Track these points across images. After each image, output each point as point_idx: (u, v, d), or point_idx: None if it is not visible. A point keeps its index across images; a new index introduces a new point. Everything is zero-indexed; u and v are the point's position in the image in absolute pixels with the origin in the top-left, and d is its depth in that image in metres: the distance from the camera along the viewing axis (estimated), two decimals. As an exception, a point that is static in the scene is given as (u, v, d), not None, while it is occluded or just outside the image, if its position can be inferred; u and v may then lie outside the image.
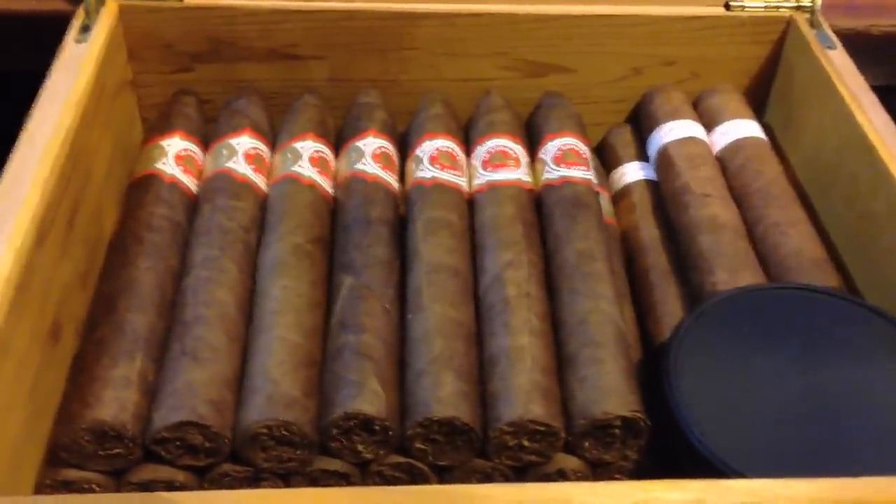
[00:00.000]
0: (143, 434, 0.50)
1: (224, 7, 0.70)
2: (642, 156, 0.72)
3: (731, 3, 0.72)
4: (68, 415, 0.50)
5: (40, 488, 0.50)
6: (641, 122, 0.74)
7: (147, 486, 0.50)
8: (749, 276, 0.58)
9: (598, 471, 0.53)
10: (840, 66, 0.68)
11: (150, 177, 0.63)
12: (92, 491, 0.50)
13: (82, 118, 0.59)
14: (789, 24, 0.72)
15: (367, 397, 0.50)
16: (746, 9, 0.73)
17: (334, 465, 0.51)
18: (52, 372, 0.53)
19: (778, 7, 0.73)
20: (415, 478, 0.52)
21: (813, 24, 0.72)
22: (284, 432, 0.49)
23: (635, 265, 0.64)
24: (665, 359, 0.52)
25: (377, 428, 0.50)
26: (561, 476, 0.52)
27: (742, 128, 0.69)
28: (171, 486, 0.50)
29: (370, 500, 0.38)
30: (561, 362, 0.54)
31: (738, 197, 0.64)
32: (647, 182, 0.70)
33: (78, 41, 0.65)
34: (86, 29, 0.66)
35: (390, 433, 0.50)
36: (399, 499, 0.39)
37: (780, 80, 0.74)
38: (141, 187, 0.63)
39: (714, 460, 0.47)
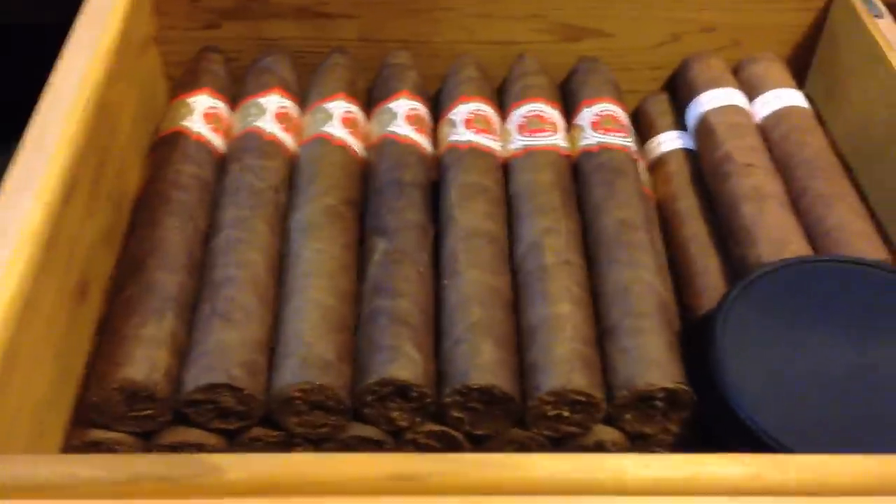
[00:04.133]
0: (174, 395, 0.49)
1: (253, -39, 0.68)
2: (680, 124, 0.70)
3: (776, -32, 0.70)
4: (97, 374, 0.49)
5: (67, 449, 0.48)
6: (679, 89, 0.72)
7: (176, 449, 0.49)
8: (794, 248, 0.56)
9: (637, 443, 0.52)
10: (888, 35, 0.65)
11: (177, 134, 0.61)
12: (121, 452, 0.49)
13: (107, 73, 0.57)
14: (835, -10, 0.70)
15: (403, 363, 0.49)
16: (791, -26, 0.70)
17: (368, 431, 0.50)
18: (78, 331, 0.52)
19: (824, -27, 0.71)
20: (450, 446, 0.50)
21: (860, -9, 0.69)
22: (319, 397, 0.48)
23: (673, 236, 0.63)
24: (710, 332, 0.50)
25: (414, 395, 0.49)
26: (599, 448, 0.51)
27: (785, 97, 0.67)
28: (201, 450, 0.49)
29: (415, 465, 0.37)
30: (601, 332, 0.53)
31: (782, 168, 0.62)
32: (685, 151, 0.68)
33: (103, -6, 0.63)
34: (111, -19, 0.64)
35: (427, 400, 0.49)
36: (444, 465, 0.37)
37: (823, 49, 0.72)
38: (167, 144, 0.61)
39: (763, 436, 0.46)
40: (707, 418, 0.51)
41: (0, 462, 0.38)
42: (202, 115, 0.63)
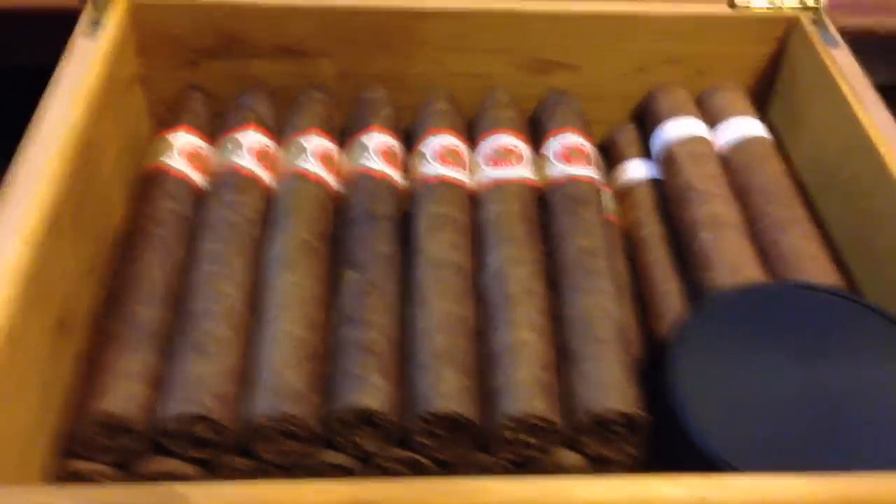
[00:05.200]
0: (151, 426, 0.51)
1: (233, 3, 0.70)
2: (646, 153, 0.73)
3: (736, 2, 0.73)
4: (77, 407, 0.51)
5: (49, 480, 0.50)
6: (646, 119, 0.74)
7: (155, 479, 0.51)
8: (750, 273, 0.58)
9: (598, 466, 0.54)
10: (843, 64, 0.68)
11: (157, 171, 0.64)
12: (100, 482, 0.51)
13: (91, 112, 0.60)
14: (794, 22, 0.73)
15: (370, 391, 0.51)
16: (751, 7, 0.73)
17: (337, 458, 0.52)
18: (60, 364, 0.54)
19: (782, 6, 0.73)
20: (417, 471, 0.52)
21: (817, 22, 0.72)
22: (289, 425, 0.50)
23: (638, 262, 0.65)
24: (665, 356, 0.52)
25: (380, 422, 0.51)
26: (560, 471, 0.53)
27: (745, 126, 0.70)
28: (178, 479, 0.51)
29: (372, 492, 0.39)
30: (562, 358, 0.55)
31: (740, 194, 0.65)
32: (651, 180, 0.70)
33: (87, 36, 0.66)
34: (95, 24, 0.67)
35: (393, 427, 0.51)
36: (400, 491, 0.40)
37: (783, 78, 0.74)
38: (148, 181, 0.63)
39: (714, 457, 0.48)
40: (667, 441, 0.53)
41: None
42: (181, 151, 0.65)
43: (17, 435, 0.48)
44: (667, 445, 0.53)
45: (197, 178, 0.65)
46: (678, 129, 0.69)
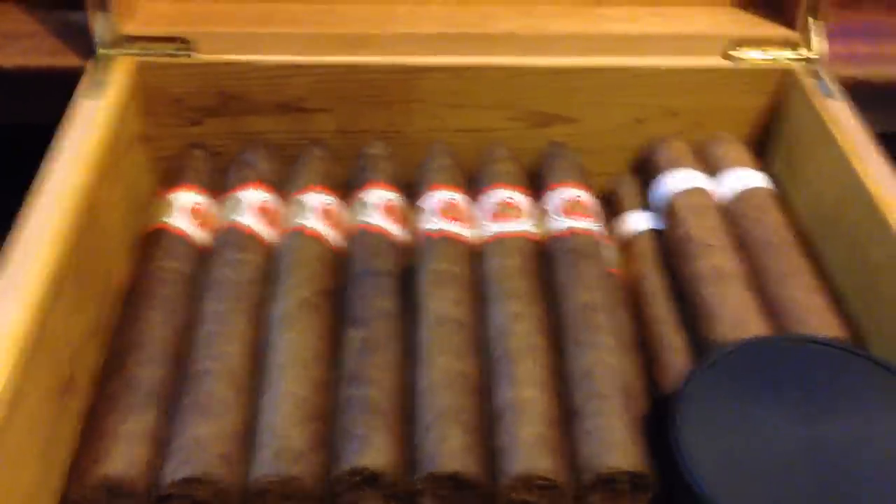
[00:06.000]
0: (152, 489, 0.50)
1: (235, 63, 0.72)
2: (647, 205, 0.73)
3: (732, 54, 0.74)
4: (78, 470, 0.50)
5: (50, 544, 0.50)
6: (645, 171, 0.75)
7: (156, 542, 0.50)
8: (753, 327, 0.58)
9: (605, 524, 0.53)
10: (839, 114, 0.69)
11: (160, 231, 0.64)
12: (101, 546, 0.50)
13: (95, 173, 0.60)
14: (789, 74, 0.74)
15: (373, 452, 0.50)
16: (747, 60, 0.74)
17: (342, 520, 0.52)
18: (64, 426, 0.54)
19: (778, 58, 0.74)
20: (422, 531, 0.52)
21: (813, 73, 0.73)
22: (292, 487, 0.50)
23: (642, 314, 0.65)
24: (669, 411, 0.52)
25: (384, 482, 0.50)
26: (567, 530, 0.52)
27: (744, 176, 0.70)
28: (179, 542, 0.50)
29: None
30: (567, 414, 0.54)
31: (741, 246, 0.65)
32: (653, 231, 0.70)
33: (89, 97, 0.67)
34: (97, 84, 0.68)
35: (396, 487, 0.50)
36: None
37: (781, 129, 0.75)
38: (151, 241, 0.64)
39: (720, 514, 0.47)
40: (670, 496, 0.52)
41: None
42: (185, 210, 0.66)
43: (19, 498, 0.47)
44: (672, 501, 0.52)
45: (199, 236, 0.65)
46: (678, 180, 0.70)
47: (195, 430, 0.51)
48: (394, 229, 0.65)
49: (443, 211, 0.66)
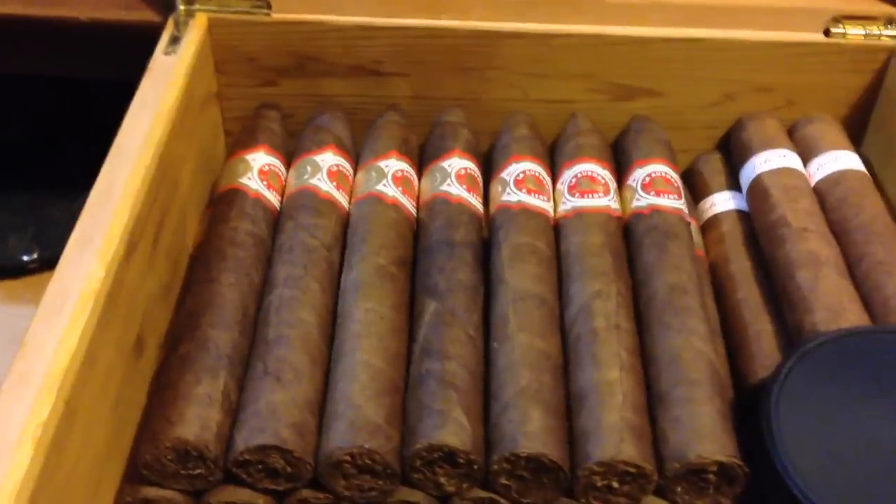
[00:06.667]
0: (225, 455, 0.49)
1: (310, 22, 0.70)
2: (733, 185, 0.70)
3: (832, 30, 0.70)
4: (151, 432, 0.50)
5: (120, 504, 0.49)
6: (733, 149, 0.71)
7: (226, 508, 0.49)
8: (852, 316, 0.55)
9: (688, 516, 0.51)
10: (947, 97, 0.65)
11: (235, 191, 0.63)
12: (171, 510, 0.50)
13: (171, 130, 0.59)
14: (892, 53, 0.70)
15: (452, 429, 0.49)
16: (847, 36, 0.70)
17: (415, 496, 0.50)
18: (135, 386, 0.53)
19: (880, 35, 0.70)
20: (497, 513, 0.50)
21: (918, 53, 0.69)
22: (367, 461, 0.48)
23: (726, 299, 0.62)
24: (764, 403, 0.49)
25: (461, 461, 0.49)
26: (649, 520, 0.50)
27: (841, 159, 0.67)
28: (250, 510, 0.49)
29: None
30: (651, 400, 0.52)
31: (838, 232, 0.62)
32: (738, 212, 0.67)
33: (167, 53, 0.66)
34: (175, 41, 0.67)
35: (475, 467, 0.49)
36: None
37: (880, 110, 0.71)
38: (225, 202, 0.62)
39: (816, 512, 0.45)
40: (761, 491, 0.50)
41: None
42: (259, 172, 0.64)
43: (92, 459, 0.47)
44: (761, 496, 0.50)
45: (274, 199, 0.64)
46: (770, 160, 0.66)
47: (270, 396, 0.50)
48: (473, 200, 0.63)
49: (523, 182, 0.63)
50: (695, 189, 0.72)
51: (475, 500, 0.50)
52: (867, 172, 0.67)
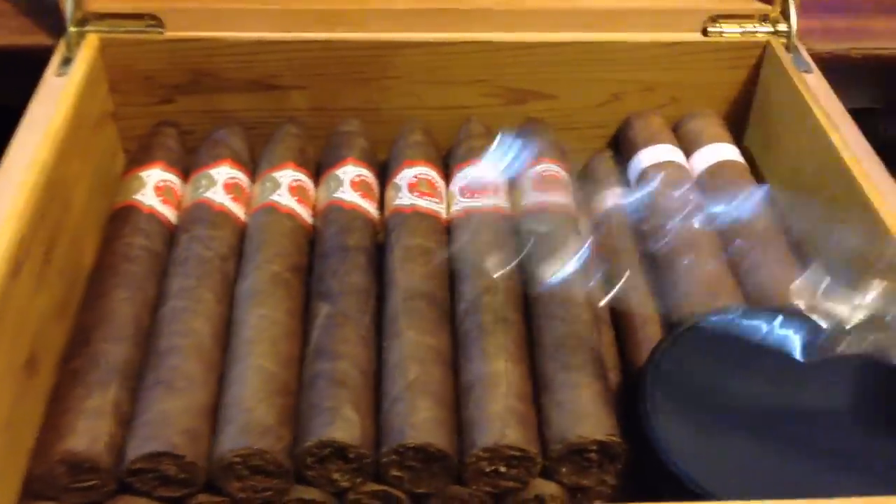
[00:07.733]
0: (118, 465, 0.50)
1: (205, 39, 0.70)
2: (623, 181, 0.72)
3: (709, 29, 0.73)
4: (42, 446, 0.50)
5: (14, 522, 0.49)
6: (622, 147, 0.74)
7: (121, 518, 0.50)
8: (726, 299, 0.58)
9: (577, 496, 0.53)
10: (816, 88, 0.68)
11: (129, 208, 0.63)
12: (65, 523, 0.50)
13: (60, 150, 0.59)
14: (766, 48, 0.73)
15: (341, 425, 0.50)
16: (724, 34, 0.73)
17: (311, 493, 0.51)
18: (28, 404, 0.53)
19: (755, 32, 0.73)
20: (392, 505, 0.51)
21: (789, 48, 0.72)
22: (258, 461, 0.49)
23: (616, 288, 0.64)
24: (641, 383, 0.51)
25: (352, 456, 0.50)
26: (539, 502, 0.52)
27: (720, 151, 0.70)
28: (145, 518, 0.50)
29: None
30: (538, 387, 0.54)
31: (714, 220, 0.64)
32: (628, 206, 0.70)
33: (59, 74, 0.66)
34: (67, 62, 0.67)
35: (365, 461, 0.50)
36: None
37: (758, 104, 0.74)
38: (119, 218, 0.63)
39: (691, 484, 0.47)
40: (644, 468, 0.52)
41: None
42: (154, 188, 0.65)
43: (-20, 477, 0.47)
44: (645, 473, 0.52)
45: (169, 214, 0.64)
46: (654, 155, 0.69)
47: (161, 405, 0.50)
48: (366, 205, 0.64)
49: (415, 186, 0.65)
50: (589, 186, 0.74)
51: (369, 494, 0.51)
52: (745, 163, 0.70)
